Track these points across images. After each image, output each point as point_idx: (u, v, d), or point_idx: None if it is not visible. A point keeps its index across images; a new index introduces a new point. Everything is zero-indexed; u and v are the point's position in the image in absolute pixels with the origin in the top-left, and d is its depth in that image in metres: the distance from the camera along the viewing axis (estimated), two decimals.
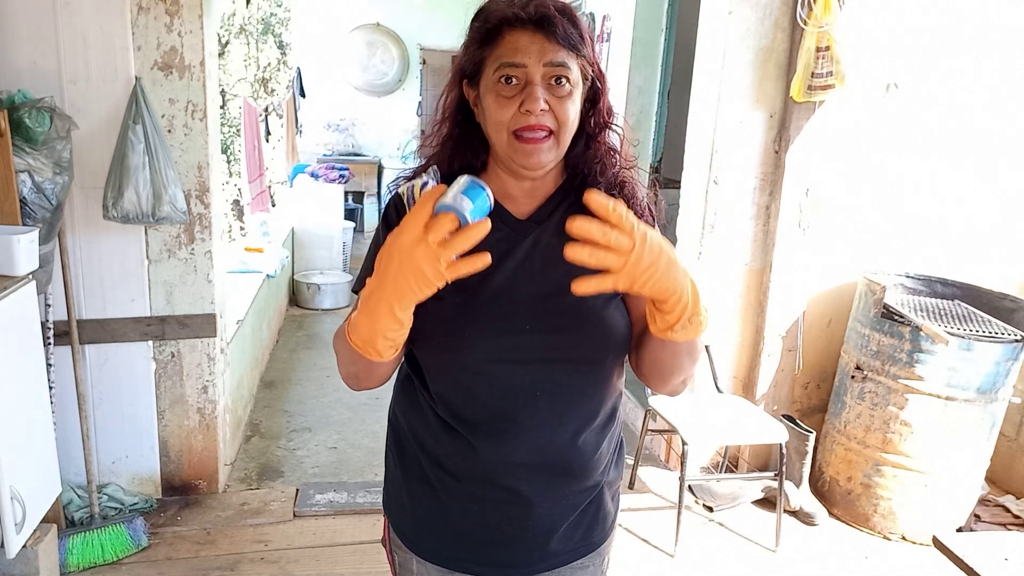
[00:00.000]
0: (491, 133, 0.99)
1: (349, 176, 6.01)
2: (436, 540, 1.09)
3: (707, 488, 2.88)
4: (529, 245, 1.02)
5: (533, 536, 1.06)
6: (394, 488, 1.14)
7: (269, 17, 4.85)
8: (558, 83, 0.95)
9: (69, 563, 2.20)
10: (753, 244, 2.83)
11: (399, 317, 0.83)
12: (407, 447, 1.10)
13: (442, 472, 1.05)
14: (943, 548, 1.45)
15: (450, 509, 1.06)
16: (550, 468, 1.03)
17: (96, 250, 2.35)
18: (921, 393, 2.50)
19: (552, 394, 1.00)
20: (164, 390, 2.53)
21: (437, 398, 1.03)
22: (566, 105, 0.96)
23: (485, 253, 0.78)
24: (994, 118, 2.83)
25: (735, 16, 2.59)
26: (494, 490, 1.03)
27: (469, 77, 1.02)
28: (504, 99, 0.95)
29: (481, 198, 0.79)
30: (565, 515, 1.07)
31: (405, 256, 0.78)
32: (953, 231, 2.92)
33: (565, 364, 1.01)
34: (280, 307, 4.76)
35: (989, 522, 2.73)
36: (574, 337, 1.00)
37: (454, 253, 0.77)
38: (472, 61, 1.00)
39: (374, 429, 3.30)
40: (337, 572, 2.31)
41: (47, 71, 2.17)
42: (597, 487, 1.10)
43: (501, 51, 0.96)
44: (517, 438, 1.00)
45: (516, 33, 0.95)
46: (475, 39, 0.99)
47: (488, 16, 0.98)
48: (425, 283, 0.78)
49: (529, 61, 0.94)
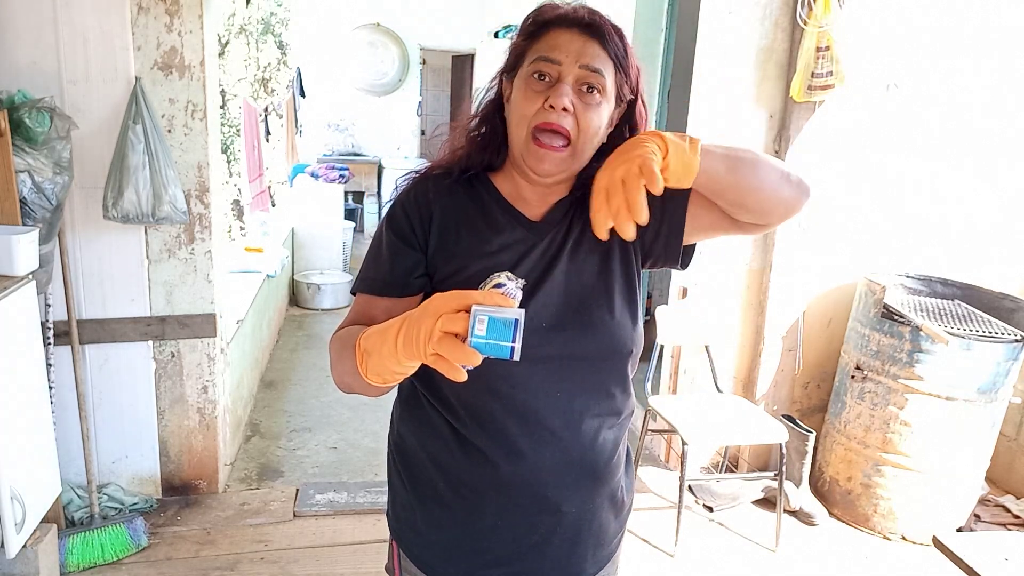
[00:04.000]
0: (512, 128, 0.98)
1: (349, 176, 6.01)
2: (458, 563, 1.05)
3: (707, 488, 2.88)
4: (544, 247, 1.01)
5: (559, 544, 1.03)
6: (405, 513, 1.10)
7: (269, 17, 4.85)
8: (589, 91, 0.94)
9: (69, 563, 2.20)
10: (753, 244, 2.83)
11: (398, 368, 0.80)
12: (420, 470, 1.06)
13: (464, 489, 1.02)
14: (943, 548, 1.45)
15: (473, 529, 1.03)
16: (576, 469, 1.01)
17: (96, 250, 2.35)
18: (921, 393, 2.50)
19: (571, 391, 0.99)
20: (164, 390, 2.53)
21: (453, 408, 1.00)
22: (590, 114, 0.94)
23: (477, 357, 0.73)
24: (994, 118, 2.83)
25: (735, 16, 2.59)
26: (521, 499, 1.00)
27: (509, 70, 1.02)
28: (532, 92, 0.95)
29: (502, 348, 0.72)
30: (590, 520, 1.05)
31: (413, 321, 0.75)
32: (953, 231, 2.92)
33: (582, 360, 1.00)
34: (280, 307, 4.76)
35: (989, 522, 2.73)
36: (591, 333, 0.99)
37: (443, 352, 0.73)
38: (515, 53, 1.00)
39: (374, 429, 3.30)
40: (337, 572, 2.31)
41: (47, 71, 2.17)
42: (618, 486, 1.09)
43: (541, 45, 0.96)
44: (540, 440, 0.98)
45: (561, 31, 0.96)
46: (523, 32, 1.00)
47: (541, 12, 0.99)
48: (410, 351, 0.75)
49: (565, 59, 0.94)
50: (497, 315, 0.72)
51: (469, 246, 1.00)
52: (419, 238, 1.01)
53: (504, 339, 0.72)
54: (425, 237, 1.01)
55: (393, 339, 0.77)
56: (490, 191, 1.04)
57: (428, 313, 0.74)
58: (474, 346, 0.72)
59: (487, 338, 0.72)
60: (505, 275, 0.91)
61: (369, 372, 0.83)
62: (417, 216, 1.01)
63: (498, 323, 0.72)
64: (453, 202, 1.02)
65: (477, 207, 1.03)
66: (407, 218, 1.02)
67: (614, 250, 1.04)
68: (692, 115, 2.79)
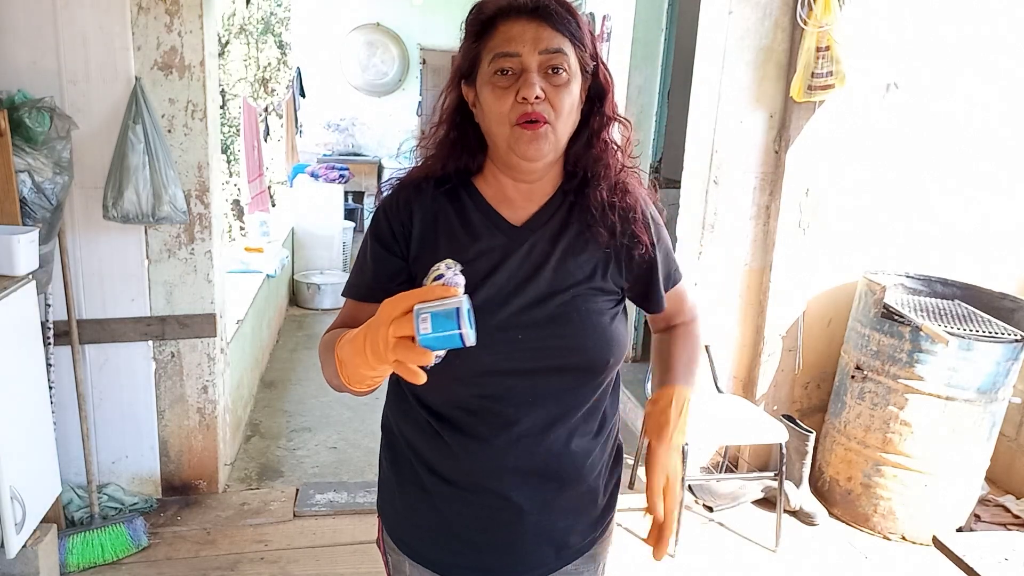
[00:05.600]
0: (492, 128, 0.97)
1: (349, 176, 6.00)
2: (430, 544, 1.08)
3: (707, 488, 2.88)
4: (523, 253, 1.00)
5: (524, 542, 1.05)
6: (387, 491, 1.14)
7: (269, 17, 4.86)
8: (555, 72, 0.93)
9: (69, 563, 2.20)
10: (753, 244, 2.83)
11: (373, 372, 0.79)
12: (400, 451, 1.09)
13: (434, 477, 1.04)
14: (943, 548, 1.45)
15: (443, 513, 1.05)
16: (540, 474, 1.02)
17: (96, 250, 2.35)
18: (921, 393, 2.50)
19: (545, 402, 0.99)
20: (164, 390, 2.53)
21: (428, 407, 1.02)
22: (562, 94, 0.94)
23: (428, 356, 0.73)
24: (994, 118, 2.83)
25: (735, 16, 2.59)
26: (485, 496, 1.02)
27: (466, 76, 1.00)
28: (500, 90, 0.93)
29: (451, 338, 0.72)
30: (556, 521, 1.06)
31: (372, 329, 0.75)
32: (954, 231, 2.92)
33: (559, 373, 0.99)
34: (280, 307, 4.76)
35: (989, 522, 2.73)
36: (567, 345, 0.98)
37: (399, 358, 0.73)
38: (467, 58, 0.98)
39: (374, 429, 3.28)
40: (337, 572, 2.31)
41: (47, 71, 2.17)
42: (590, 493, 1.09)
43: (495, 42, 0.94)
44: (508, 445, 0.99)
45: (510, 23, 0.94)
46: (470, 34, 0.98)
47: (481, 9, 0.97)
48: (377, 358, 0.75)
49: (523, 49, 0.92)
50: (438, 308, 0.72)
51: (447, 254, 0.98)
52: (400, 245, 1.01)
53: (450, 328, 0.71)
54: (406, 244, 1.01)
55: (361, 348, 0.77)
56: (472, 196, 1.03)
57: (381, 321, 0.74)
58: (424, 344, 0.71)
59: (434, 332, 0.71)
60: (444, 264, 0.89)
61: (351, 381, 0.83)
62: (399, 223, 1.01)
63: (440, 316, 0.71)
64: (433, 209, 1.02)
65: (457, 214, 1.02)
66: (389, 226, 1.02)
67: (609, 261, 1.04)
68: (692, 115, 2.79)
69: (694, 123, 2.75)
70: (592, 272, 1.02)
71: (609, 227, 1.02)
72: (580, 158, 1.04)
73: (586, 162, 1.04)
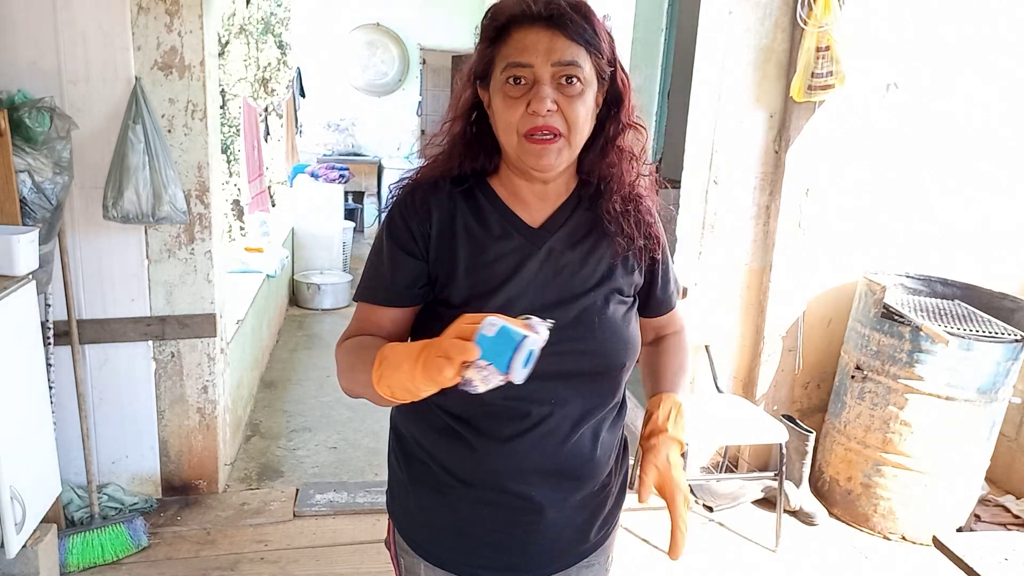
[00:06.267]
0: (501, 135, 0.96)
1: (349, 176, 6.01)
2: (447, 546, 1.07)
3: (707, 488, 2.88)
4: (543, 256, 1.00)
5: (543, 539, 1.05)
6: (400, 493, 1.12)
7: (269, 17, 4.86)
8: (568, 82, 0.92)
9: (69, 563, 2.20)
10: (753, 244, 2.83)
11: (415, 386, 0.79)
12: (413, 452, 1.08)
13: (451, 478, 1.03)
14: (943, 548, 1.45)
15: (461, 515, 1.04)
16: (562, 473, 1.02)
17: (96, 250, 2.35)
18: (921, 393, 2.50)
19: (569, 403, 0.99)
20: (164, 390, 2.53)
21: (448, 410, 1.01)
22: (576, 105, 0.92)
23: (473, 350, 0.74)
24: (994, 118, 2.83)
25: (735, 16, 2.58)
26: (505, 496, 1.01)
27: (481, 77, 0.99)
28: (511, 100, 0.92)
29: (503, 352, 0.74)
30: (575, 517, 1.07)
31: (432, 351, 0.76)
32: (954, 231, 2.91)
33: (579, 376, 0.99)
34: (280, 307, 4.76)
35: (989, 522, 2.73)
36: (588, 348, 0.99)
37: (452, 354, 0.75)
38: (482, 60, 0.97)
39: (374, 429, 3.30)
40: (337, 572, 2.31)
41: (47, 71, 2.17)
42: (604, 488, 1.10)
43: (508, 50, 0.93)
44: (529, 447, 0.99)
45: (524, 31, 0.92)
46: (485, 37, 0.97)
47: (497, 13, 0.95)
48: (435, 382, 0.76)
49: (536, 60, 0.91)
50: (512, 327, 0.74)
51: (466, 255, 0.98)
52: (420, 247, 0.99)
53: (509, 347, 0.73)
54: (426, 245, 0.99)
55: (413, 362, 0.77)
56: (488, 196, 1.03)
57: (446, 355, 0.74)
58: (478, 342, 0.73)
59: (495, 337, 0.73)
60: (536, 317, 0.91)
61: (381, 381, 0.82)
62: (417, 223, 0.99)
63: (508, 331, 0.73)
64: (451, 209, 1.00)
65: (474, 215, 1.01)
66: (407, 226, 1.00)
67: (623, 263, 1.05)
68: (692, 115, 2.79)
69: (694, 123, 2.75)
70: (608, 274, 1.03)
71: (624, 235, 1.03)
72: (594, 167, 1.04)
73: (600, 172, 1.04)
